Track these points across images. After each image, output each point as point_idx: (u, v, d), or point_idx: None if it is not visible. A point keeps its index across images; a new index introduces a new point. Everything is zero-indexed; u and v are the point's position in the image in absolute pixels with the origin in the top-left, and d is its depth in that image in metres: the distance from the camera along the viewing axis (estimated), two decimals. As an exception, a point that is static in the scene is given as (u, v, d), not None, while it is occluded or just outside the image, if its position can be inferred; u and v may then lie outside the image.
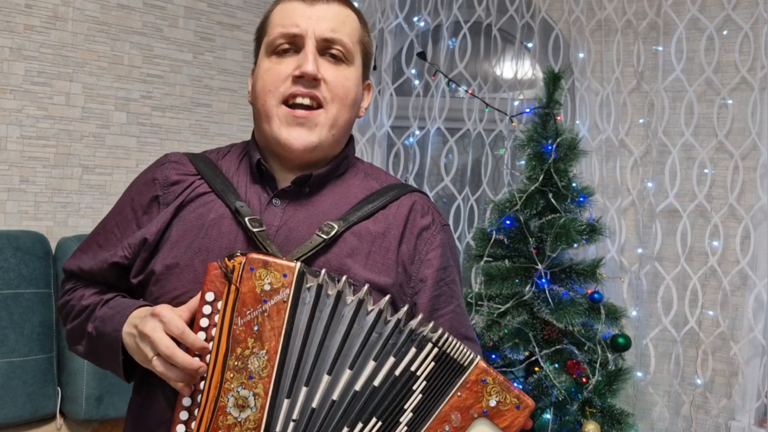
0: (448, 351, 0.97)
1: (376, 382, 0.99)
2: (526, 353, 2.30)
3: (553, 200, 2.36)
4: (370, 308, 1.01)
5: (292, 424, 0.98)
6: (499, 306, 2.34)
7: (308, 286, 1.00)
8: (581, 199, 2.39)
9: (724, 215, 2.56)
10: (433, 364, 0.97)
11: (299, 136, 1.14)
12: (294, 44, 1.16)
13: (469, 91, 2.92)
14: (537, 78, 2.97)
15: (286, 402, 0.98)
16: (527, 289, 2.34)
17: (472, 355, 0.97)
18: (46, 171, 2.50)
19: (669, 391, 2.65)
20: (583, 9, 2.80)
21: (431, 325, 1.01)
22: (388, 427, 0.98)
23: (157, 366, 1.02)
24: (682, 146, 2.62)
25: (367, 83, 1.28)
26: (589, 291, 2.35)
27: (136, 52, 2.68)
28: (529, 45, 2.96)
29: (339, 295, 1.00)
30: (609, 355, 2.33)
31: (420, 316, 1.02)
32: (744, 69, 2.52)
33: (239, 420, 0.96)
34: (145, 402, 1.15)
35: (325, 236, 1.12)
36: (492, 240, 2.41)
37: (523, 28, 2.97)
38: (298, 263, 0.99)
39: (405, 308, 1.03)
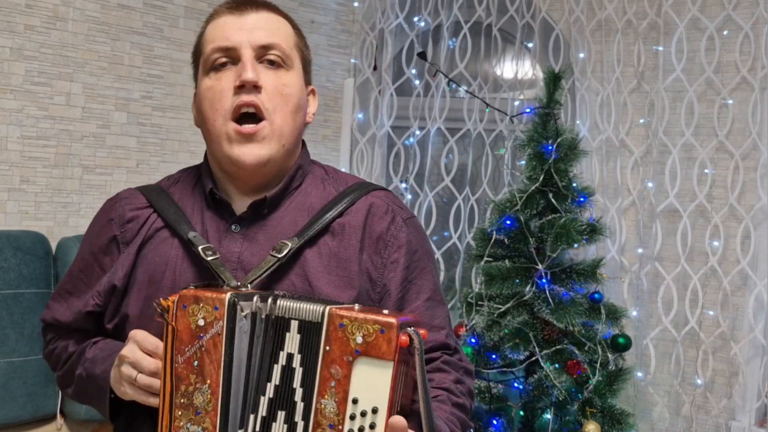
0: (302, 317, 0.96)
1: (277, 381, 0.98)
2: (527, 353, 2.30)
3: (553, 200, 2.36)
4: (243, 313, 0.99)
5: None
6: (500, 306, 2.34)
7: (245, 314, 0.98)
8: (581, 199, 2.39)
9: (724, 215, 2.56)
10: (299, 336, 0.96)
11: (250, 151, 1.13)
12: (230, 57, 1.15)
13: (470, 91, 2.92)
14: (537, 78, 2.97)
15: None
16: (527, 289, 2.34)
17: (320, 308, 0.96)
18: (47, 171, 2.50)
19: (669, 392, 2.64)
20: (583, 9, 2.80)
21: (278, 300, 0.99)
22: (290, 414, 0.97)
23: (142, 381, 1.05)
24: (682, 146, 2.62)
25: (310, 89, 1.26)
26: (590, 291, 2.35)
27: (137, 52, 2.68)
28: (530, 45, 2.96)
29: (254, 316, 0.99)
30: (609, 355, 2.33)
31: (269, 301, 0.99)
32: (744, 69, 2.52)
33: None
34: None
35: (278, 255, 1.11)
36: (492, 240, 2.41)
37: (524, 28, 2.97)
38: (228, 294, 0.98)
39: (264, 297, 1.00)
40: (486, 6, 2.99)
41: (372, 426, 0.92)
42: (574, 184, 2.40)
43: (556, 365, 2.28)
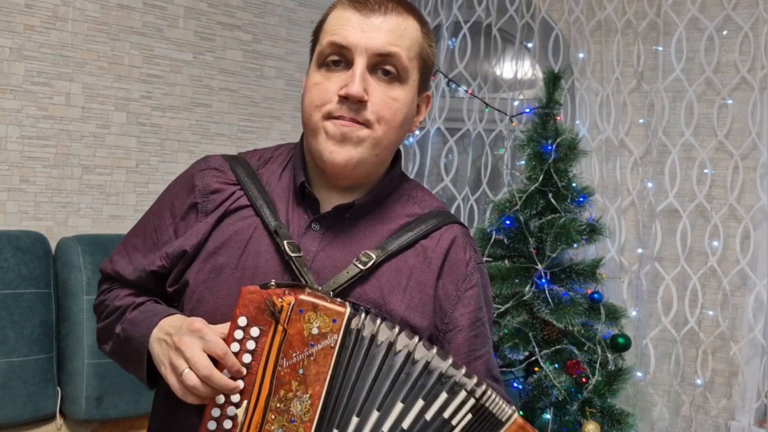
0: (486, 404, 0.95)
1: (405, 425, 0.98)
2: (526, 353, 2.30)
3: (553, 200, 2.36)
4: (398, 349, 0.99)
5: None
6: (499, 306, 2.34)
7: (364, 333, 0.99)
8: (581, 199, 2.39)
9: (724, 215, 2.56)
10: (470, 416, 0.96)
11: (342, 150, 1.09)
12: (344, 57, 1.10)
13: (469, 91, 2.92)
14: (537, 78, 2.97)
15: None
16: (527, 289, 2.34)
17: (510, 411, 0.95)
18: (46, 171, 2.50)
19: (669, 391, 2.65)
20: (583, 9, 2.80)
21: (464, 370, 1.00)
22: None
23: (188, 379, 1.00)
24: (682, 146, 2.62)
25: (425, 95, 1.20)
26: (589, 291, 2.35)
27: (136, 52, 2.68)
28: (529, 45, 2.96)
29: (372, 338, 0.99)
30: (609, 355, 2.33)
31: (450, 359, 1.00)
32: (744, 69, 2.52)
33: None
34: (172, 411, 1.14)
35: (362, 267, 1.10)
36: (492, 240, 2.41)
37: (523, 28, 2.97)
38: (348, 309, 0.98)
39: (431, 348, 1.01)
40: (485, 6, 2.99)
41: None
42: (574, 184, 2.40)
43: (556, 365, 2.28)
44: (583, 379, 2.27)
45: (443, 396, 0.97)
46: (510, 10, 2.95)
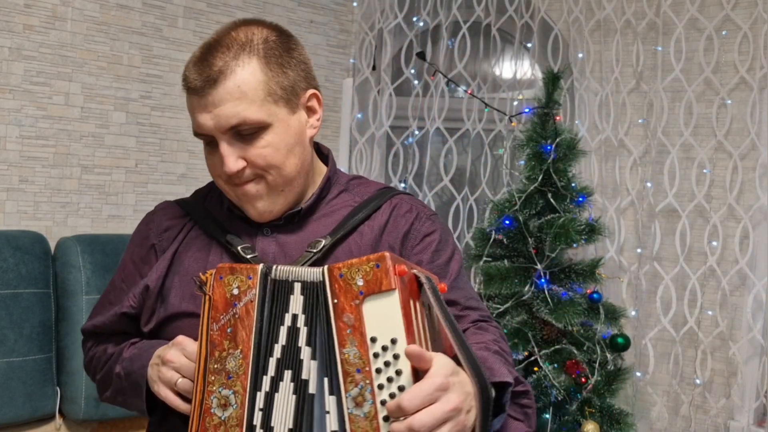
0: (303, 278, 1.00)
1: (283, 342, 1.01)
2: (526, 353, 2.30)
3: (552, 200, 2.37)
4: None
5: (260, 414, 1.00)
6: (498, 306, 2.34)
7: (268, 281, 1.03)
8: (580, 199, 2.39)
9: (723, 215, 2.56)
10: (301, 297, 1.00)
11: (256, 206, 1.17)
12: (210, 137, 1.15)
13: (468, 91, 2.92)
14: (536, 78, 2.97)
15: (258, 394, 1.01)
16: (526, 289, 2.34)
17: (317, 270, 0.99)
18: (45, 171, 2.50)
19: (668, 391, 2.65)
20: (582, 9, 2.80)
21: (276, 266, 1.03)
22: (296, 373, 0.99)
23: (183, 386, 1.06)
24: (681, 146, 2.63)
25: (310, 95, 1.18)
26: (588, 291, 2.35)
27: (136, 52, 2.68)
28: (529, 45, 2.96)
29: (291, 284, 1.02)
30: (608, 355, 2.33)
31: (278, 266, 1.03)
32: (743, 69, 2.52)
33: (223, 419, 1.00)
34: None
35: (313, 250, 1.16)
36: (491, 240, 2.42)
37: (523, 28, 2.97)
38: (261, 264, 1.03)
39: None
40: (485, 6, 2.99)
41: (396, 356, 0.94)
42: (573, 184, 2.40)
43: (555, 365, 2.28)
44: (582, 379, 2.27)
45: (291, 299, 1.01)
46: (509, 10, 2.95)
